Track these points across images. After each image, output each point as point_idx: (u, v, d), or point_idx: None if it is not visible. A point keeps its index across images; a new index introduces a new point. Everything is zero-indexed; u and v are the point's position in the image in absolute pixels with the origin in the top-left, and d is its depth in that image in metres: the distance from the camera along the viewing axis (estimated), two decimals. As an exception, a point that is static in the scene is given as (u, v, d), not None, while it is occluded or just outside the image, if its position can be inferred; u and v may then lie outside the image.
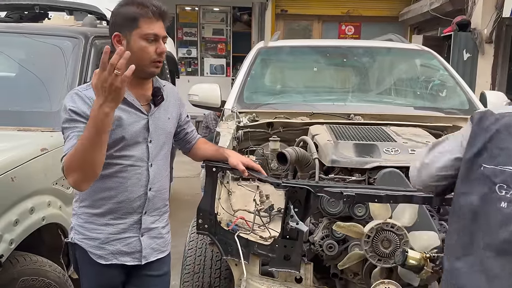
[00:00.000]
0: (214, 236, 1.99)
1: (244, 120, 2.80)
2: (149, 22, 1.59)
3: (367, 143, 2.28)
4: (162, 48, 1.62)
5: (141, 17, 1.59)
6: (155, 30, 1.60)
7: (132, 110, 1.66)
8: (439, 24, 8.01)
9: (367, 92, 3.42)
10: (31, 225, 2.08)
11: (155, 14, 1.60)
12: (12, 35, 3.21)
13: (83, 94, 1.61)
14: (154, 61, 1.62)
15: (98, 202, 1.65)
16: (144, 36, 1.60)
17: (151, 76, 1.69)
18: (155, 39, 1.61)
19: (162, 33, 1.63)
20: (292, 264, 1.82)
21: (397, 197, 1.78)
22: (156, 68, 1.64)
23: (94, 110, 1.43)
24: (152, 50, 1.61)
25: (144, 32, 1.59)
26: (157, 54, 1.62)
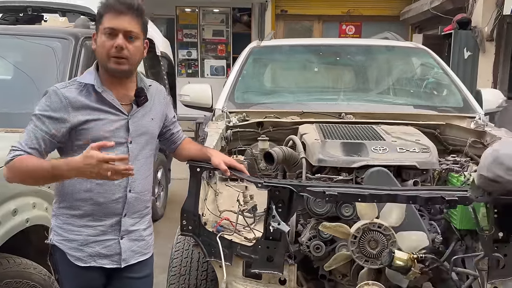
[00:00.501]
0: (198, 237, 1.96)
1: (234, 120, 2.77)
2: (111, 17, 1.57)
3: (355, 142, 2.24)
4: (118, 42, 1.56)
5: (105, 13, 1.58)
6: (111, 24, 1.56)
7: (110, 110, 1.63)
8: (440, 22, 7.94)
9: (360, 91, 3.38)
10: (13, 227, 2.07)
11: (117, 8, 1.56)
12: (2, 36, 3.21)
13: (60, 93, 1.59)
14: (111, 56, 1.57)
15: (77, 204, 1.62)
16: (103, 31, 1.58)
17: (115, 73, 1.62)
18: (113, 33, 1.57)
19: (122, 27, 1.56)
20: (275, 266, 1.79)
21: (381, 196, 1.75)
22: (117, 64, 1.58)
23: (63, 166, 1.48)
24: (109, 45, 1.57)
25: (103, 27, 1.58)
26: (115, 49, 1.56)
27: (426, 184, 2.18)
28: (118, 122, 1.63)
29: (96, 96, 1.61)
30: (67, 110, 1.57)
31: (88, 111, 1.59)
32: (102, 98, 1.61)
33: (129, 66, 1.61)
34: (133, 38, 1.59)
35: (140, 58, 1.66)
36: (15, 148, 1.55)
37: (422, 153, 2.16)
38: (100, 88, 1.61)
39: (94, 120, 1.58)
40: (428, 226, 2.13)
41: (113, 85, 1.64)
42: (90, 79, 1.62)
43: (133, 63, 1.62)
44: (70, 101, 1.58)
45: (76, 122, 1.57)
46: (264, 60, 3.54)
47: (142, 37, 1.63)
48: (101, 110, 1.60)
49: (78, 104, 1.59)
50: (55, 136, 1.57)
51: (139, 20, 1.60)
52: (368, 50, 3.54)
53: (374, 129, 2.45)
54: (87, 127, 1.58)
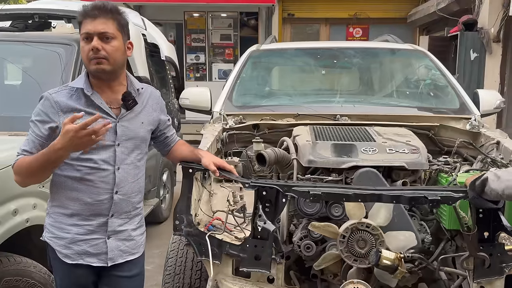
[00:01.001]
0: (190, 237, 2.01)
1: (230, 122, 2.82)
2: (86, 23, 1.65)
3: (345, 143, 2.27)
4: (92, 44, 1.62)
5: (82, 20, 1.66)
6: (86, 29, 1.64)
7: (100, 113, 1.69)
8: (447, 24, 7.92)
9: (356, 93, 3.41)
10: (13, 227, 2.14)
11: (89, 14, 1.64)
12: (10, 43, 3.31)
13: (51, 98, 1.67)
14: (90, 58, 1.64)
15: (66, 203, 1.69)
16: (81, 37, 1.66)
17: (97, 73, 1.68)
18: (89, 37, 1.64)
19: (95, 30, 1.63)
20: (263, 264, 1.83)
21: (365, 195, 1.78)
22: (97, 65, 1.64)
23: (51, 149, 1.55)
24: (87, 49, 1.64)
25: (80, 33, 1.66)
26: (92, 51, 1.63)
27: (416, 184, 2.20)
28: None
29: (86, 99, 1.68)
30: (57, 114, 1.64)
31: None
32: (91, 101, 1.68)
33: (109, 66, 1.66)
34: (109, 38, 1.65)
35: (122, 58, 1.71)
36: (17, 154, 1.67)
37: (411, 154, 2.18)
38: (89, 92, 1.68)
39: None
40: (418, 227, 2.16)
41: (101, 89, 1.71)
42: (80, 83, 1.69)
43: (114, 63, 1.67)
44: (60, 105, 1.65)
45: None
46: (263, 63, 3.59)
47: (120, 36, 1.68)
48: (90, 113, 1.66)
49: (68, 108, 1.66)
50: (48, 139, 1.64)
51: (114, 21, 1.66)
52: (366, 52, 3.56)
53: (366, 130, 2.47)
54: None
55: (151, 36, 4.83)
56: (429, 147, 2.71)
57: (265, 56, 3.59)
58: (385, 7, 9.72)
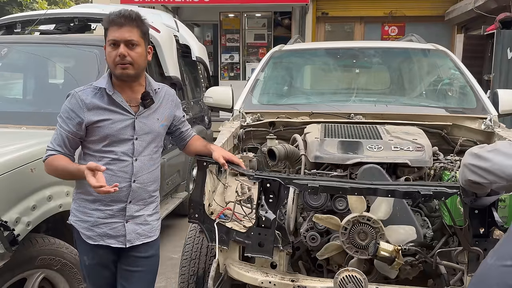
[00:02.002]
0: (203, 224, 2.18)
1: (248, 120, 2.97)
2: (112, 30, 1.83)
3: (352, 140, 2.37)
4: (120, 50, 1.80)
5: (109, 27, 1.84)
6: (113, 36, 1.82)
7: (119, 110, 1.89)
8: (485, 22, 7.70)
9: (374, 93, 3.47)
10: (48, 211, 2.39)
11: (115, 21, 1.82)
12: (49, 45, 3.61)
13: (77, 96, 1.88)
14: (116, 64, 1.83)
15: (89, 190, 1.89)
16: (108, 43, 1.84)
17: (122, 77, 1.87)
18: (116, 43, 1.82)
19: (122, 37, 1.80)
20: (265, 251, 1.97)
21: (361, 189, 1.88)
22: (122, 69, 1.83)
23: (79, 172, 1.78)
24: (114, 54, 1.83)
25: (107, 39, 1.84)
26: (118, 57, 1.82)
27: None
28: (125, 121, 1.89)
29: (108, 98, 1.89)
30: (82, 110, 1.86)
31: (100, 111, 1.87)
32: (112, 100, 1.88)
33: (134, 71, 1.86)
34: (134, 45, 1.83)
35: (144, 63, 1.91)
36: (48, 148, 1.90)
37: (415, 151, 2.25)
38: (111, 91, 1.88)
39: (105, 120, 1.86)
40: (421, 222, 2.23)
41: (122, 88, 1.91)
42: (103, 83, 1.90)
43: (137, 67, 1.87)
44: (85, 102, 1.86)
45: (90, 121, 1.85)
46: (284, 63, 3.71)
47: (143, 43, 1.87)
48: (111, 110, 1.87)
49: (92, 105, 1.87)
50: (75, 133, 1.87)
51: (138, 29, 1.85)
52: (386, 52, 3.62)
53: (376, 128, 2.56)
54: (99, 126, 1.86)
55: (183, 37, 5.06)
56: (442, 146, 2.77)
57: (286, 57, 3.71)
58: (421, 5, 9.53)
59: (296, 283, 1.96)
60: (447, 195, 1.81)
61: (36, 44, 3.65)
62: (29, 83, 3.79)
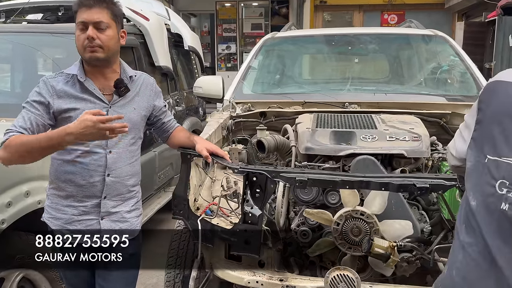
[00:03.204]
0: (188, 220, 2.07)
1: (238, 110, 2.84)
2: (81, 12, 1.71)
3: (345, 130, 2.24)
4: (88, 33, 1.68)
5: (78, 9, 1.72)
6: (81, 18, 1.69)
7: (91, 99, 1.77)
8: (487, 9, 7.53)
9: (370, 80, 3.33)
10: (25, 208, 2.26)
11: (84, 3, 1.70)
12: (38, 34, 3.47)
13: (48, 82, 1.76)
14: (85, 47, 1.70)
15: (61, 185, 1.78)
16: (76, 26, 1.72)
17: (91, 61, 1.74)
18: (84, 26, 1.70)
19: (90, 19, 1.69)
20: (252, 249, 1.85)
21: (353, 182, 1.76)
22: (91, 53, 1.71)
23: (60, 132, 1.58)
24: (83, 38, 1.70)
25: (76, 22, 1.72)
26: (87, 40, 1.69)
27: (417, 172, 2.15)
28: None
29: (80, 85, 1.76)
30: (52, 97, 1.73)
31: (71, 100, 1.74)
32: (84, 87, 1.76)
33: (103, 54, 1.73)
34: (104, 27, 1.71)
35: (116, 46, 1.78)
36: (9, 130, 1.70)
37: (412, 141, 2.13)
38: (82, 78, 1.75)
39: (76, 109, 1.73)
40: (419, 216, 2.11)
41: (95, 75, 1.78)
42: (74, 70, 1.77)
43: (108, 51, 1.74)
44: (56, 89, 1.74)
45: (59, 109, 1.73)
46: (276, 51, 3.57)
47: (114, 26, 1.75)
48: (83, 98, 1.74)
49: (62, 93, 1.74)
50: (43, 117, 1.72)
51: (108, 11, 1.72)
52: (383, 38, 3.47)
53: (371, 117, 2.43)
54: (69, 115, 1.73)
55: (175, 26, 4.91)
56: (441, 136, 2.63)
57: (278, 44, 3.57)
58: (421, -8, 9.37)
59: (285, 283, 1.85)
60: (445, 188, 1.69)
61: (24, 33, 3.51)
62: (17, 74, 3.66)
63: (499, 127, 0.98)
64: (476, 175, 1.02)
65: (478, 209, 1.00)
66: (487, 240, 0.99)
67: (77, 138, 1.58)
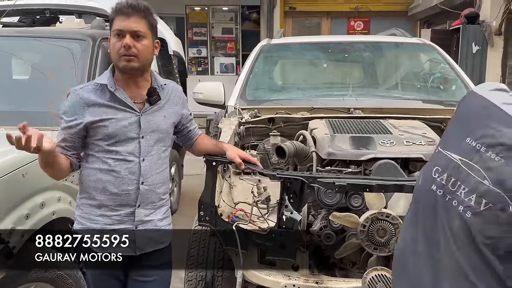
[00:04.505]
0: (215, 227, 2.07)
1: (246, 116, 2.87)
2: (119, 20, 1.70)
3: (363, 135, 2.33)
4: (125, 41, 1.68)
5: (115, 17, 1.71)
6: (119, 26, 1.69)
7: (122, 108, 1.75)
8: (449, 17, 7.97)
9: (368, 86, 3.46)
10: (41, 219, 2.19)
11: (123, 11, 1.69)
12: (23, 39, 3.34)
13: (77, 94, 1.76)
14: (121, 55, 1.70)
15: (94, 194, 1.75)
16: (113, 33, 1.71)
17: (126, 70, 1.74)
18: (121, 34, 1.69)
19: (129, 27, 1.69)
20: (288, 253, 1.89)
21: (387, 186, 1.84)
22: (127, 62, 1.71)
23: None
24: (119, 46, 1.69)
25: (112, 29, 1.71)
26: (123, 48, 1.69)
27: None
28: (130, 118, 1.76)
29: (110, 94, 1.75)
30: (83, 108, 1.71)
31: (102, 109, 1.73)
32: (115, 96, 1.75)
33: (138, 63, 1.73)
34: (140, 37, 1.70)
35: (151, 56, 1.78)
36: None
37: (427, 145, 2.25)
38: (112, 87, 1.74)
39: (108, 119, 1.72)
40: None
41: (127, 84, 1.78)
42: (104, 79, 1.76)
43: (143, 61, 1.74)
44: (85, 100, 1.72)
45: (91, 120, 1.71)
46: (274, 58, 3.64)
47: (150, 36, 1.75)
48: (114, 107, 1.74)
49: (93, 103, 1.73)
50: (75, 133, 1.73)
51: (146, 21, 1.72)
52: (376, 46, 3.62)
53: (381, 123, 2.54)
54: (102, 124, 1.71)
55: (159, 30, 4.86)
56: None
57: (275, 51, 3.64)
58: (386, 0, 9.75)
59: (322, 285, 1.90)
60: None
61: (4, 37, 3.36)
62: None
63: (454, 126, 1.17)
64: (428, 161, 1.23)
65: (420, 187, 1.20)
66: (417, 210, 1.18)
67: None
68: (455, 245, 1.06)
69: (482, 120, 1.07)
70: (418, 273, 1.14)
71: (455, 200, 1.06)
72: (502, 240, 0.99)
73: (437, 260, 1.10)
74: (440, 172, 1.12)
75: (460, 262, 1.04)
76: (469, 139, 1.07)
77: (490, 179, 1.01)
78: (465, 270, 1.03)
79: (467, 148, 1.07)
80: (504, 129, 1.02)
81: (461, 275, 1.04)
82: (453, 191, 1.07)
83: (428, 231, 1.13)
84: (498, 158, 1.01)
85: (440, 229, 1.09)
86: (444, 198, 1.09)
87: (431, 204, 1.13)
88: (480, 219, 1.02)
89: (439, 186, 1.11)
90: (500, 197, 0.99)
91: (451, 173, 1.09)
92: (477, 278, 1.02)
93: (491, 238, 1.00)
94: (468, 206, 1.03)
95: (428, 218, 1.13)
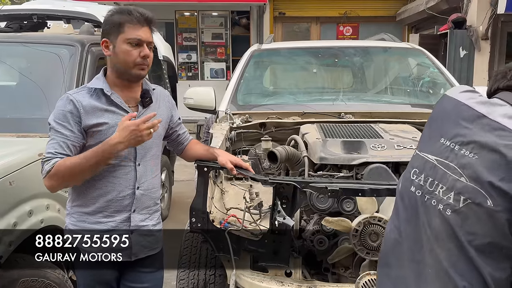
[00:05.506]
0: (207, 234, 2.05)
1: (237, 121, 2.86)
2: (133, 28, 1.69)
3: (355, 140, 2.33)
4: (145, 52, 1.70)
5: (126, 23, 1.69)
6: (138, 35, 1.69)
7: (119, 112, 1.74)
8: (436, 22, 8.06)
9: (358, 91, 3.48)
10: (30, 228, 2.15)
11: (139, 20, 1.70)
12: (11, 44, 3.30)
13: (73, 98, 1.70)
14: (138, 64, 1.70)
15: (89, 201, 1.72)
16: (127, 41, 1.69)
17: (138, 78, 1.76)
18: (139, 43, 1.69)
19: (146, 38, 1.71)
20: (281, 259, 1.88)
21: (379, 190, 1.84)
22: (141, 70, 1.73)
23: (107, 144, 1.60)
24: (136, 54, 1.69)
25: (127, 37, 1.69)
26: (140, 58, 1.70)
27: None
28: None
29: (106, 98, 1.73)
30: (79, 113, 1.68)
31: (99, 113, 1.71)
32: (111, 100, 1.73)
33: (146, 72, 1.77)
34: (150, 48, 1.73)
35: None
36: (49, 157, 1.64)
37: (418, 149, 2.25)
38: (109, 92, 1.73)
39: (105, 123, 1.70)
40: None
41: (121, 89, 1.77)
42: (98, 84, 1.74)
43: (148, 69, 1.78)
44: (83, 104, 1.69)
45: (89, 124, 1.68)
46: (265, 63, 3.64)
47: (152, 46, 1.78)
48: (110, 111, 1.72)
49: (90, 107, 1.70)
50: (76, 138, 1.68)
51: (152, 32, 1.76)
52: (366, 51, 3.64)
53: (372, 127, 2.54)
54: (99, 129, 1.69)
55: (149, 36, 4.84)
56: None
57: (266, 56, 3.64)
58: (374, 6, 9.85)
59: (315, 291, 1.89)
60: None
61: None
62: None
63: (428, 129, 1.20)
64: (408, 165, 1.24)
65: (400, 190, 1.22)
66: (399, 212, 1.19)
67: (127, 144, 1.61)
68: (436, 243, 1.06)
69: (454, 120, 1.10)
70: (402, 276, 1.15)
71: (434, 200, 1.08)
72: (484, 235, 1.00)
73: (419, 261, 1.11)
74: (417, 174, 1.14)
75: (442, 259, 1.05)
76: (443, 139, 1.10)
77: (466, 176, 1.03)
78: (447, 268, 1.04)
79: (441, 147, 1.10)
80: (473, 126, 1.05)
81: (443, 272, 1.05)
82: (431, 191, 1.09)
83: (410, 233, 1.15)
84: (472, 155, 1.03)
85: (422, 230, 1.10)
86: (423, 198, 1.11)
87: (411, 206, 1.15)
88: (460, 215, 1.03)
89: (418, 187, 1.13)
90: (477, 192, 1.01)
91: (428, 173, 1.11)
92: (459, 275, 1.02)
93: (472, 234, 1.01)
94: (447, 204, 1.05)
95: (410, 219, 1.15)
